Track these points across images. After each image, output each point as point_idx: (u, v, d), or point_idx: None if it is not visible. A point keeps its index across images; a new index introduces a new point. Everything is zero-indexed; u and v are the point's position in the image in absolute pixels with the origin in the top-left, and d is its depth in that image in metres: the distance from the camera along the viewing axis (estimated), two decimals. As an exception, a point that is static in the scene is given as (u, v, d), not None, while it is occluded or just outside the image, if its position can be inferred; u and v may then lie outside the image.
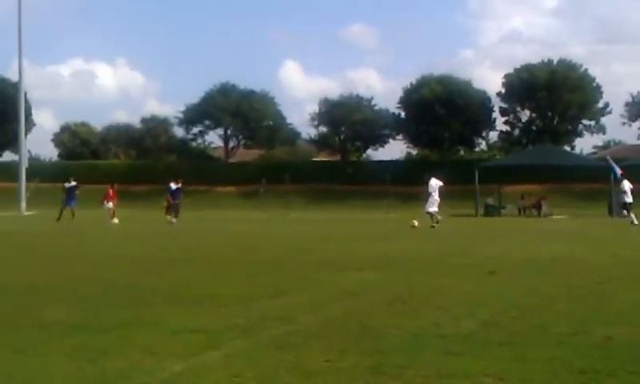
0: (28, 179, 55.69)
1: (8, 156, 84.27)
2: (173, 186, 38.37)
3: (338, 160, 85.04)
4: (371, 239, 23.56)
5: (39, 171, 59.51)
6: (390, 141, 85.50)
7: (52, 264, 14.85)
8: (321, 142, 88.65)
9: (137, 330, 7.30)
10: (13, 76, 74.66)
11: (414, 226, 28.85)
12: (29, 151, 71.56)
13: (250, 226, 32.46)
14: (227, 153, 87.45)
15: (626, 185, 35.71)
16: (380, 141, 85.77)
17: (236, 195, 71.32)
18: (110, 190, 39.01)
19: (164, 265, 14.24)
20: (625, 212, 34.75)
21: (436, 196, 30.54)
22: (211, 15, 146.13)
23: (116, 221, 35.00)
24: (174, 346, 6.59)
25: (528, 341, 6.86)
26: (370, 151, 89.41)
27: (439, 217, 30.26)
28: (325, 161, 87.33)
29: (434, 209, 30.44)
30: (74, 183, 39.74)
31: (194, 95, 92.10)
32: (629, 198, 35.17)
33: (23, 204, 53.66)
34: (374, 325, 7.64)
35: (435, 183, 30.88)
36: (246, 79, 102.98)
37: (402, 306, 8.98)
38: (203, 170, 77.83)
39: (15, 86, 66.58)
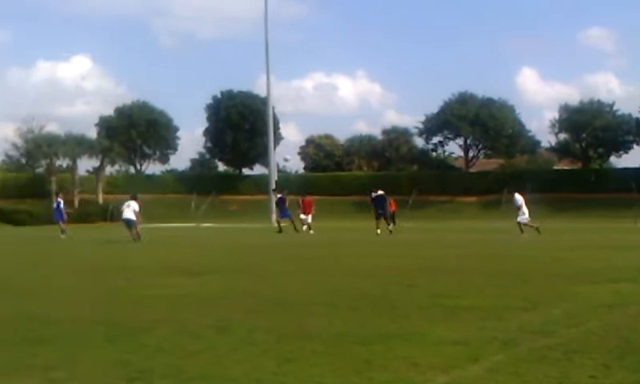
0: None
1: (258, 169, 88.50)
2: (374, 194, 36.59)
3: (580, 168, 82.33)
4: (622, 249, 22.69)
5: (287, 184, 61.89)
6: (635, 147, 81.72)
7: (307, 276, 15.43)
8: (561, 150, 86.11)
9: (398, 342, 7.48)
10: (261, 91, 78.40)
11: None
12: (277, 164, 74.60)
13: (493, 236, 32.15)
14: (467, 162, 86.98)
15: None
16: (623, 147, 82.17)
17: (477, 205, 70.80)
18: (305, 201, 39.55)
19: (413, 275, 14.42)
20: None
21: (524, 208, 33.10)
22: (446, 25, 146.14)
23: (312, 232, 35.91)
24: (435, 358, 6.71)
25: None
26: (613, 158, 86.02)
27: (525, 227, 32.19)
28: (566, 169, 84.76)
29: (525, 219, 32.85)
30: (279, 195, 40.89)
31: (433, 105, 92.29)
32: None
33: (274, 215, 55.98)
34: (637, 340, 7.44)
35: (519, 197, 33.54)
36: (484, 87, 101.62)
37: (666, 321, 8.66)
38: (444, 180, 78.12)
39: (264, 101, 69.98)
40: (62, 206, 38.55)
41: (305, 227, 37.89)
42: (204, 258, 21.19)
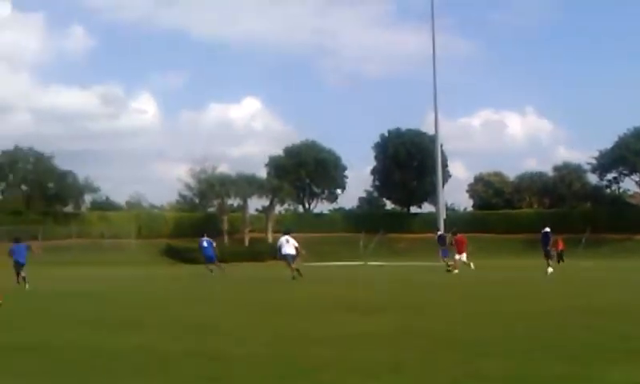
0: (446, 229, 57.61)
1: (426, 207, 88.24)
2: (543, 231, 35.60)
3: None
4: None
5: (456, 221, 61.27)
6: None
7: (478, 315, 15.09)
8: None
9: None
10: (429, 129, 78.37)
11: None
12: (446, 202, 74.14)
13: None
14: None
15: None
16: None
17: (656, 243, 67.92)
18: (458, 239, 38.41)
19: (590, 316, 13.91)
20: None
21: None
22: (618, 57, 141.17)
23: (472, 267, 35.29)
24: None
25: None
26: None
27: None
28: None
29: None
30: (441, 233, 40.27)
31: (606, 140, 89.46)
32: None
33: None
34: None
35: None
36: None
37: None
38: (620, 218, 75.38)
39: (432, 139, 69.98)
40: (214, 244, 39.61)
41: (452, 269, 36.60)
42: (373, 296, 21.19)
